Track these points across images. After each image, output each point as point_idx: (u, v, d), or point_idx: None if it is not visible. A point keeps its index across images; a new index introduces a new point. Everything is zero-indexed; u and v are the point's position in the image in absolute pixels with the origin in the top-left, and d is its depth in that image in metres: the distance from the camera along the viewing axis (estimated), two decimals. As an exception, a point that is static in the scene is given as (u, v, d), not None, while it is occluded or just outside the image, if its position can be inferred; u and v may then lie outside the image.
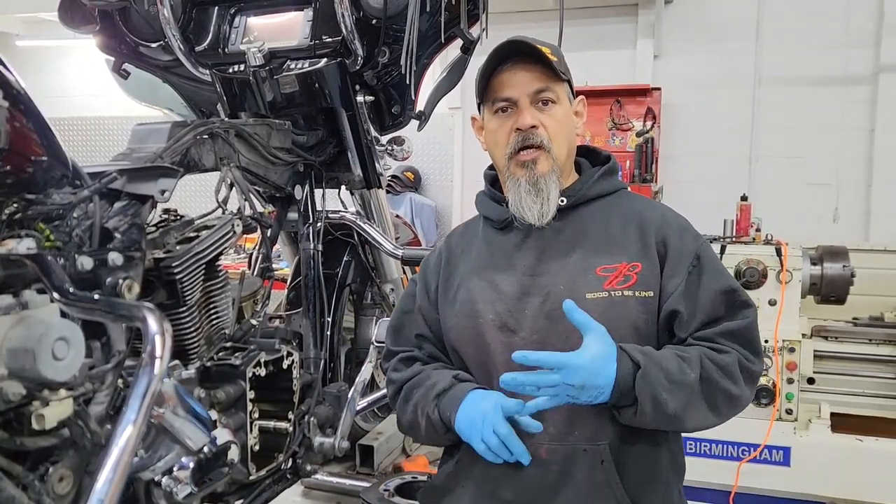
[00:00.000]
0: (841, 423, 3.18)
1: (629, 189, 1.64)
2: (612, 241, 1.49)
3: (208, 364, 1.89)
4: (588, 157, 1.64)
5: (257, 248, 2.53)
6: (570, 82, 1.55)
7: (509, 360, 1.45)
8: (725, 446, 3.11)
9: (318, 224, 2.58)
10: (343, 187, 2.74)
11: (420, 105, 2.66)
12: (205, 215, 2.00)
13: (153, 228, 1.80)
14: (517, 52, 1.49)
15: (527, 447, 1.40)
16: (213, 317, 1.96)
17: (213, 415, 1.79)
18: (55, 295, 1.29)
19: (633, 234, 1.49)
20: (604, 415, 1.40)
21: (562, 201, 1.51)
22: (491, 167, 1.65)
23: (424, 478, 2.45)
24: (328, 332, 2.60)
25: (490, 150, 1.58)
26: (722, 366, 1.39)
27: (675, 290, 1.44)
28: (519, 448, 1.38)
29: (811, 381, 3.27)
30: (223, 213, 2.03)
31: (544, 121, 1.49)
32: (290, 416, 2.16)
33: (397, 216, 3.63)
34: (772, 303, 3.15)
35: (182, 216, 1.93)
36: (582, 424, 1.41)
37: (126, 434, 1.17)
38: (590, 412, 1.39)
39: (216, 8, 2.61)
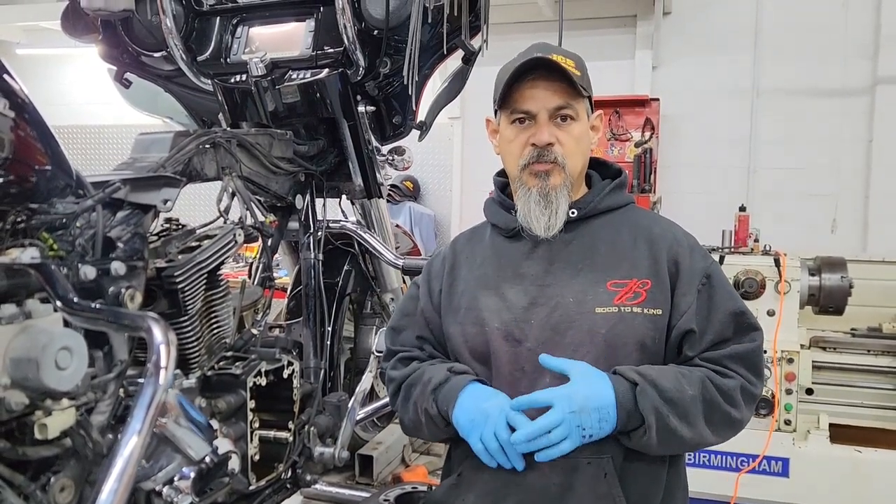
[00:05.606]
0: (840, 434, 3.17)
1: (636, 203, 1.63)
2: (622, 257, 1.48)
3: (209, 373, 1.89)
4: (598, 168, 1.63)
5: (258, 257, 2.53)
6: (590, 98, 1.54)
7: (513, 369, 1.45)
8: (724, 457, 3.10)
9: (319, 233, 2.59)
10: (344, 197, 2.75)
11: (421, 115, 2.67)
12: (206, 225, 2.00)
13: (155, 238, 1.80)
14: (541, 65, 1.46)
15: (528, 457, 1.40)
16: (214, 326, 1.96)
17: (214, 424, 1.79)
18: (59, 304, 1.29)
19: (643, 251, 1.49)
20: None
21: (572, 213, 1.50)
22: (500, 173, 1.63)
23: (424, 488, 2.45)
24: (328, 342, 2.60)
25: (503, 157, 1.57)
26: (724, 390, 1.40)
27: (689, 309, 1.44)
28: (516, 456, 1.37)
29: (810, 391, 3.27)
30: (225, 222, 2.04)
31: (561, 137, 1.48)
32: (291, 425, 2.15)
33: (397, 226, 3.64)
34: (770, 313, 3.15)
35: (184, 225, 1.93)
36: None
37: (131, 444, 1.16)
38: None
39: (218, 18, 2.62)
